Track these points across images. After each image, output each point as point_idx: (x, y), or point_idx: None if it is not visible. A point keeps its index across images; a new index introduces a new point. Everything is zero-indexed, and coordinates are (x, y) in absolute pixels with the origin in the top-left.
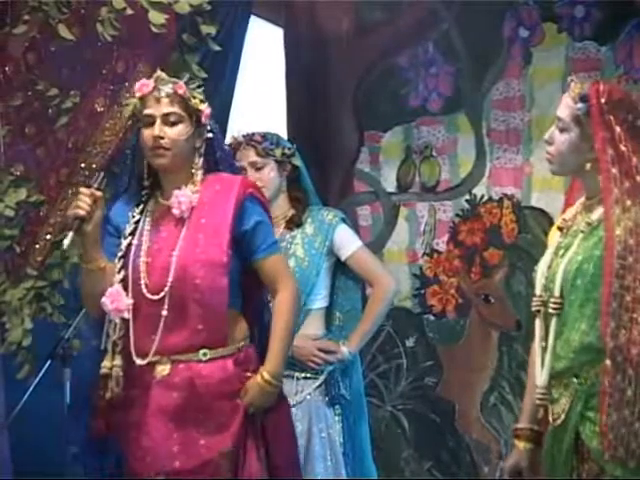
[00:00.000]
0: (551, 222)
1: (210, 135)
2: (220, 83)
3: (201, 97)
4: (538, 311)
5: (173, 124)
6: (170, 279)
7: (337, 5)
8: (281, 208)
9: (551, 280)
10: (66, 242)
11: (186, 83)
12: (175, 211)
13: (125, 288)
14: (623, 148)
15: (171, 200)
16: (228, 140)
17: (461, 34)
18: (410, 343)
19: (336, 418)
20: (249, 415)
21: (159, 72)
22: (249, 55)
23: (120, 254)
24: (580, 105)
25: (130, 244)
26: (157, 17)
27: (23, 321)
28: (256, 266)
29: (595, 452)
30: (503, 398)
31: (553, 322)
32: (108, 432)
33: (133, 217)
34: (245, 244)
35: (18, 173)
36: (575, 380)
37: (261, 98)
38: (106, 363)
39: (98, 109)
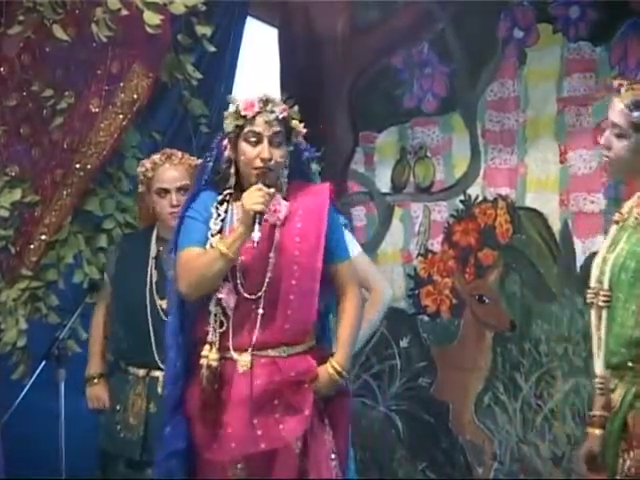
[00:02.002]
0: (546, 223)
1: (291, 148)
2: (217, 84)
3: (299, 117)
4: (592, 303)
5: (278, 146)
6: (267, 279)
7: (332, 6)
8: None
9: (602, 272)
10: (257, 235)
11: (285, 102)
12: (270, 218)
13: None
14: None
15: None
16: None
17: (456, 35)
18: (404, 344)
19: None
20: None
21: (265, 93)
22: (243, 55)
23: None
24: (636, 113)
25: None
26: (152, 18)
27: (18, 321)
28: (334, 270)
29: None
30: (497, 399)
31: (603, 314)
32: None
33: (219, 215)
34: (326, 249)
35: (13, 174)
36: (630, 372)
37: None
38: (214, 356)
39: (93, 110)
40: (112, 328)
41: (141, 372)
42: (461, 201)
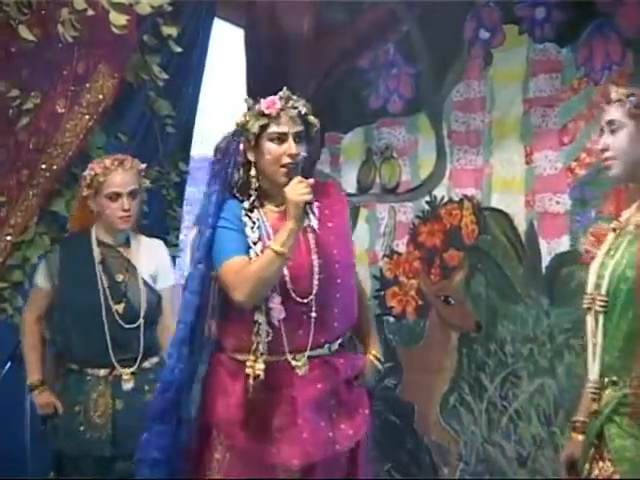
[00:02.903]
0: (511, 223)
1: None
2: (186, 84)
3: (311, 112)
4: (589, 308)
5: (300, 141)
6: (316, 282)
7: (298, 6)
8: None
9: (599, 277)
10: (315, 222)
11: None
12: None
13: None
14: None
15: None
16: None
17: (422, 35)
18: None
19: None
20: None
21: (285, 90)
22: (210, 56)
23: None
24: (632, 98)
25: (262, 250)
26: (118, 18)
27: None
28: None
29: (613, 452)
30: (462, 399)
31: (600, 319)
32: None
33: (254, 223)
34: None
35: None
36: (613, 386)
37: (222, 98)
38: (260, 366)
39: (59, 110)
40: (60, 333)
41: (102, 372)
42: (427, 202)
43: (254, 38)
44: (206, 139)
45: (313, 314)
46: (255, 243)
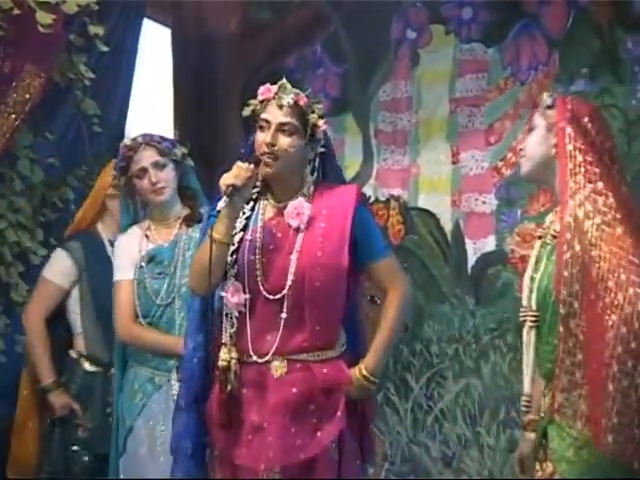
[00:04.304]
0: (437, 223)
1: (323, 150)
2: (116, 84)
3: (320, 112)
4: (524, 321)
5: (289, 135)
6: (289, 282)
7: (225, 6)
8: (175, 208)
9: (530, 291)
10: (220, 205)
11: (307, 97)
12: (293, 222)
13: (238, 282)
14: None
15: (287, 211)
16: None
17: (349, 35)
18: None
19: None
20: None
21: (284, 80)
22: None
23: (233, 248)
24: (548, 99)
25: (242, 239)
26: (44, 17)
27: None
28: (372, 268)
29: (553, 452)
30: (388, 399)
31: (532, 333)
32: (229, 426)
33: (244, 213)
34: (360, 248)
35: None
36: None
37: (148, 99)
38: (225, 356)
39: None
40: (87, 331)
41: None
42: None
43: (181, 38)
44: None
45: (284, 315)
46: (240, 231)
